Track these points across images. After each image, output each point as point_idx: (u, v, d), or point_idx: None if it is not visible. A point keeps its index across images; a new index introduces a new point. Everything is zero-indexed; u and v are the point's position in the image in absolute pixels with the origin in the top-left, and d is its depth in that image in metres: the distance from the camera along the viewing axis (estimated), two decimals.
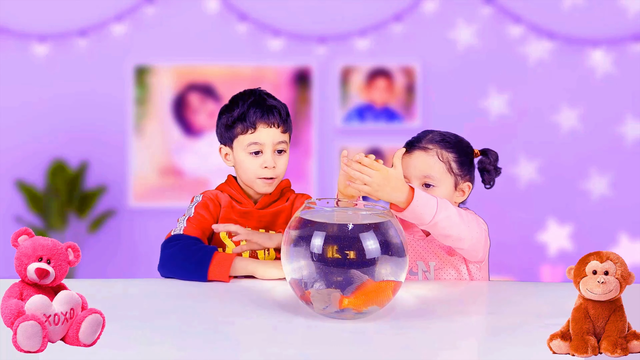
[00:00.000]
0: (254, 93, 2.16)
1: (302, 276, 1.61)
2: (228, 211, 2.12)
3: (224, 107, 2.17)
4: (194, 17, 4.39)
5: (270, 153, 2.10)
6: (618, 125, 4.40)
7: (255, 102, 2.12)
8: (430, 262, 2.03)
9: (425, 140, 2.03)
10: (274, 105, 2.13)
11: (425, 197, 1.82)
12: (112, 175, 4.44)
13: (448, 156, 2.01)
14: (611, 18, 4.36)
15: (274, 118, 2.11)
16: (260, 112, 2.10)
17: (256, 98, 2.13)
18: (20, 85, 4.37)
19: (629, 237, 4.41)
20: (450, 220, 1.85)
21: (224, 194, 2.15)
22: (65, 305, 1.40)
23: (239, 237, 2.03)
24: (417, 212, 1.81)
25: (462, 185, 2.04)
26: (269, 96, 2.16)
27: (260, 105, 2.11)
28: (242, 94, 2.18)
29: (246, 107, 2.12)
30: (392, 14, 4.37)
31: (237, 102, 2.15)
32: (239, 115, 2.11)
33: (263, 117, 2.10)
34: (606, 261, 1.43)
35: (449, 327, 1.64)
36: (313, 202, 1.71)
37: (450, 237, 1.89)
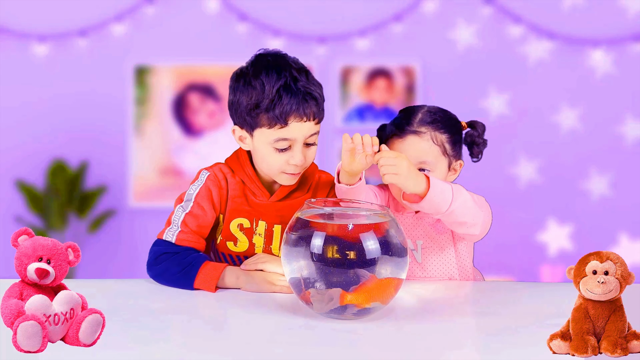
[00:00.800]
0: (283, 69, 1.81)
1: (302, 276, 1.61)
2: (238, 203, 1.91)
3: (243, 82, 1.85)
4: (194, 17, 4.39)
5: (300, 148, 1.84)
6: (618, 125, 4.40)
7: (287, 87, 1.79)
8: (418, 240, 1.98)
9: (417, 123, 1.93)
10: (311, 91, 1.80)
11: (441, 185, 1.78)
12: (112, 175, 4.44)
13: (442, 138, 1.94)
14: (611, 18, 4.36)
15: (310, 109, 1.81)
16: (296, 103, 1.79)
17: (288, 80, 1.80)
18: (20, 85, 4.37)
19: (629, 237, 4.41)
20: (466, 206, 1.81)
21: (235, 179, 1.92)
22: (65, 305, 1.40)
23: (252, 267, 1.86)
24: (435, 201, 1.77)
25: (455, 164, 1.98)
26: (301, 72, 1.81)
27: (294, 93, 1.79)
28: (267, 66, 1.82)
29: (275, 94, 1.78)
30: (392, 14, 4.37)
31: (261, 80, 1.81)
32: (266, 106, 1.80)
33: (298, 110, 1.79)
34: (606, 261, 1.43)
35: (449, 327, 1.64)
36: (313, 202, 1.70)
37: (465, 224, 1.85)
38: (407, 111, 1.98)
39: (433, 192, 1.76)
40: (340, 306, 1.60)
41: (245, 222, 1.92)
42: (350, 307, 1.60)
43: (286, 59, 1.86)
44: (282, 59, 1.86)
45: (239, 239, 1.93)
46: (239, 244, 1.93)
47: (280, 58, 1.86)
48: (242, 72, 1.89)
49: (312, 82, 1.83)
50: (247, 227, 1.92)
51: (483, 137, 2.02)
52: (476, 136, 2.00)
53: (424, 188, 1.76)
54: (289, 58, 1.87)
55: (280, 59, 1.86)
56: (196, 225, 1.90)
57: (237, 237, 1.92)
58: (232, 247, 1.94)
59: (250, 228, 1.92)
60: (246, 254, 1.93)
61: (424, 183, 1.77)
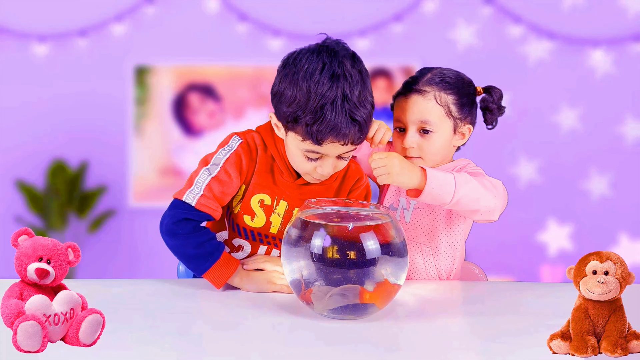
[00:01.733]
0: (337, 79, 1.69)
1: (302, 276, 1.61)
2: (264, 178, 1.86)
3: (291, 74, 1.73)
4: (194, 17, 4.39)
5: (332, 162, 1.78)
6: (618, 125, 4.40)
7: (333, 106, 1.68)
8: (412, 200, 1.93)
9: (423, 81, 1.91)
10: (356, 116, 1.70)
11: (441, 177, 1.75)
12: (112, 175, 4.44)
13: (447, 99, 1.89)
14: (611, 18, 4.36)
15: (350, 134, 1.71)
16: (336, 128, 1.70)
17: (336, 96, 1.68)
18: (20, 85, 4.37)
19: (629, 237, 4.41)
20: (474, 194, 1.77)
21: (266, 152, 1.86)
22: (65, 305, 1.40)
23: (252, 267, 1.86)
24: (435, 193, 1.74)
25: (462, 128, 1.94)
26: (355, 86, 1.70)
27: (338, 114, 1.69)
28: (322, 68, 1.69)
29: (318, 110, 1.68)
30: (392, 14, 4.37)
31: (309, 85, 1.70)
32: (305, 120, 1.71)
33: (337, 135, 1.71)
34: (606, 261, 1.43)
35: (449, 327, 1.64)
36: (313, 202, 1.71)
37: (478, 212, 1.81)
38: (421, 71, 1.96)
39: (431, 185, 1.74)
40: (341, 306, 1.60)
41: (267, 199, 1.88)
42: (350, 307, 1.61)
43: (345, 64, 1.73)
44: (342, 64, 1.73)
45: (257, 214, 1.88)
46: (256, 219, 1.89)
47: (340, 62, 1.74)
48: (295, 61, 1.77)
49: (363, 100, 1.72)
50: (267, 204, 1.87)
51: (499, 104, 1.98)
52: (490, 102, 1.96)
53: (419, 181, 1.75)
54: (349, 63, 1.74)
55: (340, 63, 1.73)
56: (220, 191, 1.84)
57: (255, 212, 1.88)
58: (249, 221, 1.90)
59: (271, 206, 1.88)
60: (260, 230, 1.90)
61: (420, 177, 1.75)
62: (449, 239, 1.98)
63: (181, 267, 2.14)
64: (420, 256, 1.97)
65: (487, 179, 1.83)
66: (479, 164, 1.98)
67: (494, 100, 1.97)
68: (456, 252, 1.99)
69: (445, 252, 1.98)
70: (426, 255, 1.97)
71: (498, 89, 1.99)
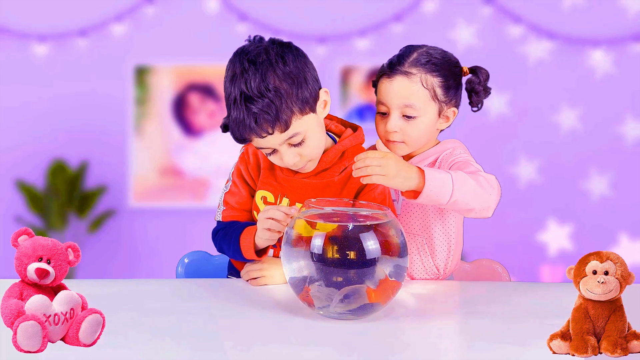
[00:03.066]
0: (236, 77, 1.73)
1: (302, 276, 1.61)
2: (267, 175, 1.88)
3: None
4: (194, 17, 4.39)
5: (285, 151, 1.78)
6: (618, 125, 4.40)
7: (235, 106, 1.73)
8: None
9: (409, 62, 1.85)
10: (259, 113, 1.71)
11: (439, 178, 1.69)
12: (112, 175, 4.44)
13: (433, 81, 1.84)
14: (611, 18, 4.36)
15: (265, 127, 1.72)
16: (247, 127, 1.72)
17: (237, 96, 1.72)
18: (20, 85, 4.37)
19: (629, 237, 4.41)
20: (470, 194, 1.71)
21: None
22: (65, 305, 1.40)
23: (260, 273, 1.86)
24: (433, 195, 1.69)
25: (447, 111, 1.88)
26: (253, 78, 1.71)
27: (241, 113, 1.72)
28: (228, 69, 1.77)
29: (230, 114, 1.75)
30: (392, 14, 4.37)
31: (225, 88, 1.77)
32: (229, 130, 1.78)
33: (251, 132, 1.73)
34: (606, 261, 1.43)
35: (449, 327, 1.64)
36: (313, 202, 1.70)
37: (473, 210, 1.76)
38: (406, 49, 1.90)
39: (429, 187, 1.68)
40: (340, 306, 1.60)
41: (270, 196, 1.89)
42: (344, 306, 1.61)
43: (244, 63, 1.75)
44: (242, 62, 1.76)
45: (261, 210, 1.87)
46: None
47: (241, 61, 1.76)
48: (226, 68, 1.81)
49: (263, 89, 1.71)
50: (270, 202, 1.88)
51: (485, 85, 1.92)
52: (477, 83, 1.90)
53: (417, 183, 1.68)
54: (248, 57, 1.75)
55: (241, 62, 1.76)
56: (235, 202, 1.93)
57: (260, 209, 1.88)
58: (256, 216, 1.90)
59: (274, 204, 1.87)
60: None
61: (417, 178, 1.68)
62: (442, 230, 1.95)
63: (180, 268, 2.14)
64: (414, 247, 1.95)
65: (482, 176, 1.76)
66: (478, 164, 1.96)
67: (480, 82, 1.91)
68: (451, 243, 1.96)
69: (440, 243, 1.96)
70: (420, 246, 1.95)
71: (484, 69, 1.93)
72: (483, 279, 2.10)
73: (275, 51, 1.77)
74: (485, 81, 1.92)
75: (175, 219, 4.37)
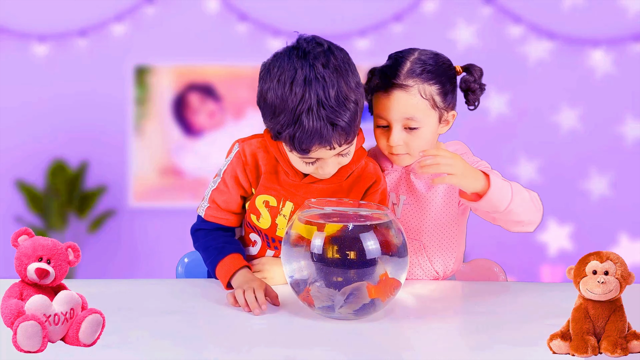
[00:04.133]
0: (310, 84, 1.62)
1: (302, 276, 1.61)
2: (269, 179, 1.82)
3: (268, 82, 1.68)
4: (194, 17, 4.39)
5: (330, 162, 1.73)
6: (618, 125, 4.40)
7: (309, 114, 1.62)
8: (401, 195, 1.90)
9: (404, 74, 1.81)
10: (337, 121, 1.64)
11: (500, 183, 1.69)
12: (112, 175, 4.44)
13: (431, 90, 1.81)
14: (611, 18, 4.36)
15: (336, 138, 1.66)
16: (318, 136, 1.64)
17: (312, 103, 1.62)
18: (20, 85, 4.37)
19: (629, 237, 4.41)
20: (524, 205, 1.73)
21: (269, 154, 1.81)
22: (65, 305, 1.40)
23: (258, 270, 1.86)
24: (493, 200, 1.69)
25: (447, 116, 1.87)
26: (331, 88, 1.63)
27: (315, 122, 1.62)
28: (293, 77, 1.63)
29: (296, 121, 1.63)
30: (392, 14, 4.37)
31: (284, 95, 1.64)
32: (286, 135, 1.67)
33: (321, 142, 1.66)
34: (606, 261, 1.43)
35: (449, 327, 1.64)
36: (313, 202, 1.70)
37: (521, 223, 1.77)
38: (396, 59, 1.86)
39: (492, 191, 1.68)
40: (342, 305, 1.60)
41: (272, 200, 1.84)
42: (348, 307, 1.61)
43: (316, 66, 1.65)
44: (313, 66, 1.65)
45: (262, 215, 1.85)
46: (262, 220, 1.86)
47: (312, 64, 1.66)
48: (269, 71, 1.71)
49: (343, 99, 1.64)
50: (272, 206, 1.84)
51: (480, 82, 1.89)
52: (472, 82, 1.87)
53: (482, 186, 1.68)
54: (321, 62, 1.66)
55: (312, 65, 1.66)
56: (222, 201, 1.86)
57: (260, 213, 1.85)
58: (255, 221, 1.87)
59: (276, 207, 1.84)
60: (267, 232, 1.88)
61: (483, 181, 1.68)
62: (442, 235, 1.94)
63: (180, 268, 2.14)
64: (412, 251, 1.94)
65: (529, 192, 1.78)
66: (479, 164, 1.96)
67: (475, 80, 1.88)
68: (452, 247, 1.96)
69: (440, 248, 1.95)
70: (418, 250, 1.95)
71: (477, 66, 1.90)
72: (479, 278, 2.10)
73: (342, 57, 1.71)
74: (480, 78, 1.90)
75: (175, 219, 4.36)
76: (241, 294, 1.69)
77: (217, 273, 1.82)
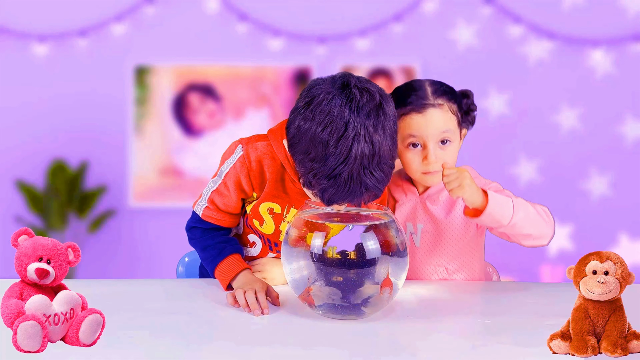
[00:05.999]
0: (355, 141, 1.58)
1: (302, 276, 1.61)
2: (274, 187, 1.80)
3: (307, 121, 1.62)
4: (194, 17, 4.39)
5: None
6: (618, 125, 4.40)
7: (348, 177, 1.59)
8: (419, 224, 1.97)
9: (432, 95, 1.90)
10: (371, 187, 1.62)
11: (500, 199, 1.78)
12: (112, 175, 4.44)
13: (454, 108, 1.93)
14: (611, 18, 4.36)
15: (364, 199, 1.65)
16: (349, 195, 1.62)
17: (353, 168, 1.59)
18: (20, 85, 4.37)
19: (629, 237, 4.41)
20: (529, 218, 1.81)
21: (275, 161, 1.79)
22: (65, 305, 1.40)
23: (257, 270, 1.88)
24: (495, 214, 1.77)
25: (462, 132, 1.97)
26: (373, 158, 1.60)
27: (349, 184, 1.60)
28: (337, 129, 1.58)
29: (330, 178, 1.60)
30: (392, 14, 4.37)
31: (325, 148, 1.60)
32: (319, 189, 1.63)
33: (349, 200, 1.64)
34: (606, 261, 1.43)
35: (449, 327, 1.64)
36: (313, 202, 1.70)
37: (531, 236, 1.85)
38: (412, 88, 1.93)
39: (492, 206, 1.76)
40: (341, 305, 1.60)
41: (277, 208, 1.83)
42: (350, 307, 1.61)
43: (367, 127, 1.60)
44: (364, 126, 1.60)
45: (265, 222, 1.85)
46: (265, 226, 1.86)
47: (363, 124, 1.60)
48: (315, 107, 1.63)
49: (382, 164, 1.62)
50: (277, 213, 1.83)
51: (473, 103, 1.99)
52: (470, 103, 1.97)
53: (481, 200, 1.77)
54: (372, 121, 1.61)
55: (363, 125, 1.60)
56: (222, 203, 1.85)
57: (264, 219, 1.85)
58: (258, 226, 1.87)
59: (280, 214, 1.84)
60: (270, 237, 1.88)
61: (482, 196, 1.77)
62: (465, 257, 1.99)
63: (180, 268, 2.14)
64: (439, 277, 1.98)
65: (536, 206, 1.85)
66: (479, 164, 1.99)
67: (472, 102, 1.97)
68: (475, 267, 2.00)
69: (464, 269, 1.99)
70: (440, 275, 1.98)
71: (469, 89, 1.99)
72: None
73: (391, 113, 1.67)
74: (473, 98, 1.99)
75: (175, 219, 4.34)
76: (242, 294, 1.70)
77: (217, 274, 1.82)
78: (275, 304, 1.72)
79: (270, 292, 1.73)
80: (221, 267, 1.82)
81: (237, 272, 1.79)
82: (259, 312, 1.66)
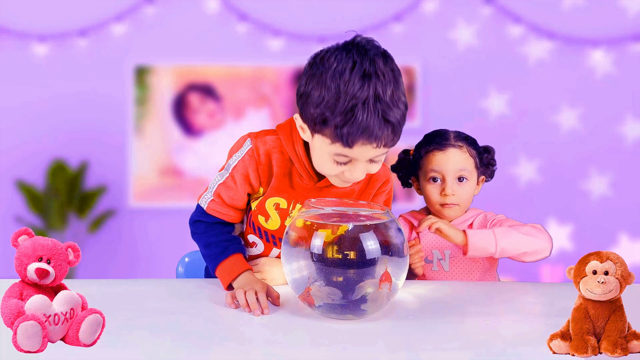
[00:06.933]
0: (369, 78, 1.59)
1: (302, 276, 1.61)
2: (281, 182, 1.80)
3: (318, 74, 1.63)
4: (194, 17, 4.39)
5: (362, 166, 1.69)
6: (618, 125, 4.40)
7: (365, 106, 1.59)
8: (445, 250, 2.12)
9: (453, 138, 2.13)
10: (390, 117, 1.61)
11: (479, 232, 2.00)
12: (112, 175, 4.44)
13: (473, 152, 2.13)
14: (611, 18, 4.36)
15: (383, 136, 1.62)
16: (368, 129, 1.60)
17: (369, 96, 1.59)
18: (20, 85, 4.37)
19: (629, 237, 4.41)
20: (517, 241, 2.01)
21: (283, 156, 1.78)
22: (65, 305, 1.40)
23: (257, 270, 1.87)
24: (479, 245, 1.99)
25: (480, 178, 2.17)
26: (388, 85, 1.61)
27: (370, 115, 1.59)
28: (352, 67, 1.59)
29: (348, 111, 1.59)
30: (392, 14, 4.37)
31: (338, 85, 1.60)
32: (334, 123, 1.61)
33: (369, 137, 1.62)
34: (606, 261, 1.43)
35: (449, 327, 1.64)
36: (313, 202, 1.70)
37: (527, 254, 2.03)
38: (438, 133, 2.14)
39: (473, 240, 1.99)
40: (341, 305, 1.60)
41: (283, 203, 1.83)
42: (350, 307, 1.61)
43: (377, 62, 1.62)
44: (373, 62, 1.63)
45: (271, 217, 1.84)
46: (270, 222, 1.85)
47: (372, 60, 1.63)
48: (322, 60, 1.66)
49: (396, 100, 1.62)
50: (283, 208, 1.82)
51: (494, 159, 2.21)
52: (491, 158, 2.19)
53: (462, 238, 2.00)
54: (380, 61, 1.64)
55: (372, 61, 1.63)
56: (228, 197, 1.84)
57: (270, 215, 1.84)
58: (263, 222, 1.86)
59: (286, 210, 1.83)
60: (275, 233, 1.87)
61: (462, 235, 2.00)
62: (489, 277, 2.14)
63: (180, 268, 2.14)
64: None
65: (528, 225, 2.04)
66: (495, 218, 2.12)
67: (492, 157, 2.19)
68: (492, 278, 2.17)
69: None
70: None
71: (490, 146, 2.20)
72: None
73: (393, 60, 1.69)
74: (494, 154, 2.20)
75: (175, 219, 4.36)
76: (242, 294, 1.70)
77: (218, 273, 1.82)
78: (276, 304, 1.72)
79: (270, 293, 1.73)
80: (223, 266, 1.82)
81: (239, 272, 1.79)
82: (259, 312, 1.66)
